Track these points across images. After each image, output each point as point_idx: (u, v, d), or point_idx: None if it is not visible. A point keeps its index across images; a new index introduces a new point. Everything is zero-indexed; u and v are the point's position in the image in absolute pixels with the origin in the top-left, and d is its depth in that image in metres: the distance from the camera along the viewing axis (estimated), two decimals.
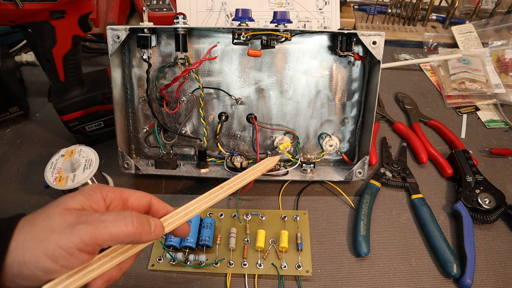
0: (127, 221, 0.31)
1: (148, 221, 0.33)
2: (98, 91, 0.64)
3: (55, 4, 0.50)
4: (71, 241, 0.28)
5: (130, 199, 0.36)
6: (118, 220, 0.31)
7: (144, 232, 0.32)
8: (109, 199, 0.34)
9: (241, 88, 0.60)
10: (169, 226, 0.37)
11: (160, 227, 0.35)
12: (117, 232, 0.30)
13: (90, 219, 0.30)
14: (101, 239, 0.30)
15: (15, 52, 0.90)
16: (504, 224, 0.59)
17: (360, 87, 0.60)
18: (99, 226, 0.30)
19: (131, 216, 0.32)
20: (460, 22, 0.99)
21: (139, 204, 0.36)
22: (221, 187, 0.44)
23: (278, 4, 0.77)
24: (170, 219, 0.37)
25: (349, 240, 0.56)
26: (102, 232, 0.30)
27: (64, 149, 0.58)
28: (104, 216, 0.31)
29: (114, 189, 0.35)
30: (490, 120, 0.77)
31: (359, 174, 0.60)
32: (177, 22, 0.53)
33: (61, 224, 0.29)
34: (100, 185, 0.34)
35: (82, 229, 0.29)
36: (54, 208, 0.30)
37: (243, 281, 0.51)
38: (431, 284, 0.52)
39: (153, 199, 0.37)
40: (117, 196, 0.35)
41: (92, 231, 0.29)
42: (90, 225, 0.29)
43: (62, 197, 0.32)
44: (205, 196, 0.42)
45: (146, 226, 0.33)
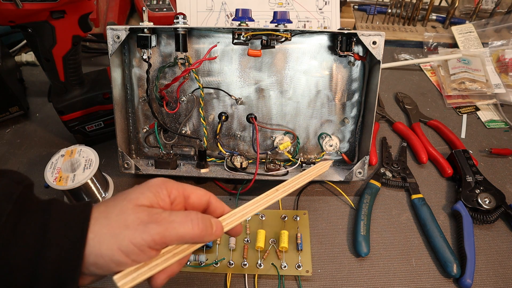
0: (193, 223, 0.33)
1: (211, 222, 0.35)
2: (98, 91, 0.64)
3: (55, 4, 0.50)
4: (143, 239, 0.30)
5: (191, 197, 0.37)
6: (185, 221, 0.33)
7: (207, 233, 0.34)
8: (173, 196, 0.35)
9: (241, 88, 0.60)
10: (226, 226, 0.38)
11: (221, 228, 0.37)
12: (184, 233, 0.32)
13: (160, 218, 0.32)
14: (169, 239, 0.32)
15: (15, 52, 0.90)
16: (504, 224, 0.59)
17: (360, 87, 0.60)
18: (169, 227, 0.32)
19: (197, 218, 0.33)
20: (460, 22, 0.99)
21: (199, 202, 0.37)
22: (277, 189, 0.45)
23: (278, 4, 0.77)
24: (228, 219, 0.39)
25: (349, 240, 0.56)
26: (171, 233, 0.32)
27: (64, 149, 0.58)
28: (172, 216, 0.32)
29: (178, 186, 0.36)
30: (490, 120, 0.77)
31: (359, 174, 0.60)
32: (177, 22, 0.53)
33: (134, 221, 0.31)
34: (165, 181, 0.36)
35: (153, 228, 0.31)
36: (127, 203, 0.32)
37: (243, 281, 0.51)
38: (431, 284, 0.52)
39: (212, 198, 0.38)
40: (180, 193, 0.36)
41: (162, 232, 0.31)
42: (161, 225, 0.31)
43: (132, 192, 0.34)
44: (262, 197, 0.43)
45: (209, 228, 0.35)
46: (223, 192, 0.63)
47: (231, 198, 0.62)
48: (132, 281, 0.31)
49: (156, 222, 0.31)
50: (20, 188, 0.31)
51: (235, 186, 0.63)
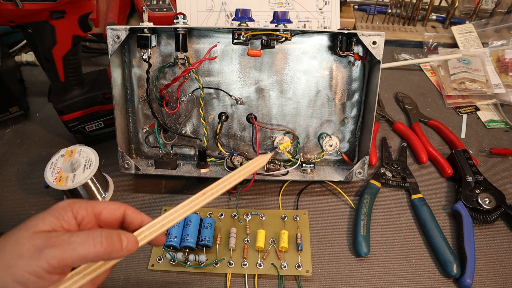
0: (95, 241, 0.31)
1: (120, 238, 0.33)
2: (98, 91, 0.64)
3: (55, 4, 0.50)
4: (39, 265, 0.29)
5: (103, 213, 0.35)
6: (86, 241, 0.31)
7: (114, 250, 0.32)
8: (80, 216, 0.34)
9: (241, 88, 0.60)
10: (144, 239, 0.36)
11: (133, 242, 0.34)
12: (85, 253, 0.30)
13: (58, 241, 0.30)
14: (70, 261, 0.30)
15: (15, 52, 0.90)
16: (504, 224, 0.59)
17: (360, 87, 0.60)
18: (67, 249, 0.30)
19: (100, 236, 0.31)
20: (460, 22, 0.99)
21: (113, 217, 0.36)
22: (203, 193, 0.41)
23: (278, 4, 0.77)
24: (146, 231, 0.37)
25: (349, 240, 0.56)
26: (71, 255, 0.30)
27: (64, 149, 0.58)
28: (73, 237, 0.31)
29: (86, 205, 0.34)
30: (490, 120, 0.77)
31: (359, 174, 0.60)
32: (177, 22, 0.53)
33: (29, 249, 0.29)
34: (71, 202, 0.34)
35: (49, 253, 0.29)
36: (23, 232, 0.30)
37: (243, 281, 0.51)
38: (431, 284, 0.52)
39: (127, 210, 0.37)
40: (89, 212, 0.34)
41: (59, 255, 0.29)
42: (57, 249, 0.29)
43: (33, 219, 0.32)
44: (185, 204, 0.40)
45: (117, 244, 0.33)
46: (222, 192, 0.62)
47: (231, 198, 0.62)
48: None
49: (52, 246, 0.29)
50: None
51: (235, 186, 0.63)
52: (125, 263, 0.53)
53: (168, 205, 0.61)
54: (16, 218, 0.59)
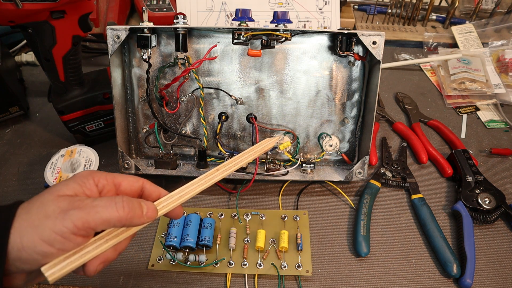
0: (118, 206, 0.32)
1: (140, 204, 0.34)
2: (98, 91, 0.64)
3: (55, 4, 0.50)
4: (65, 225, 0.30)
5: (122, 184, 0.36)
6: (109, 205, 0.32)
7: (135, 216, 0.33)
8: (101, 184, 0.35)
9: (241, 88, 0.60)
10: (163, 209, 0.37)
11: (153, 210, 0.36)
12: (108, 216, 0.31)
13: (82, 204, 0.31)
14: (93, 224, 0.31)
15: (15, 52, 0.90)
16: (504, 224, 0.59)
17: (360, 87, 0.60)
18: (91, 212, 0.31)
19: (122, 201, 0.33)
20: (460, 22, 0.99)
21: (131, 188, 0.37)
22: (217, 169, 0.43)
23: (278, 4, 0.77)
24: (164, 202, 0.38)
25: (349, 240, 0.56)
26: (94, 217, 0.31)
27: (64, 149, 0.58)
28: (96, 201, 0.32)
29: (106, 175, 0.35)
30: (490, 120, 0.77)
31: (359, 174, 0.60)
32: (177, 22, 0.53)
33: (54, 210, 0.30)
34: (93, 171, 0.35)
35: (74, 214, 0.30)
36: (48, 195, 0.31)
37: (243, 281, 0.51)
38: (431, 284, 0.52)
39: (145, 183, 0.38)
40: (109, 181, 0.35)
41: (84, 216, 0.30)
42: (82, 211, 0.30)
43: (56, 184, 0.33)
44: (201, 179, 0.41)
45: (138, 210, 0.34)
46: (223, 192, 0.63)
47: (231, 198, 0.62)
48: (60, 270, 0.30)
49: (77, 208, 0.31)
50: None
51: (235, 186, 0.63)
52: (125, 263, 0.53)
53: None
54: None
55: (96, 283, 0.51)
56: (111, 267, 0.52)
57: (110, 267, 0.52)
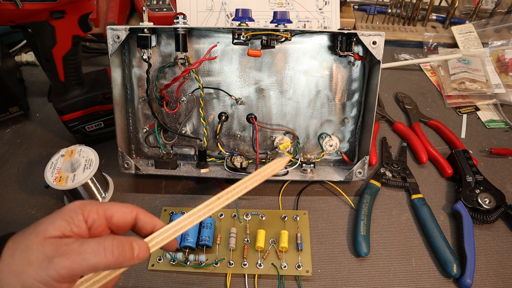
0: (107, 251, 0.30)
1: (131, 246, 0.32)
2: (98, 91, 0.64)
3: (55, 4, 0.50)
4: (48, 274, 0.28)
5: (114, 217, 0.34)
6: (97, 250, 0.30)
7: (126, 259, 0.31)
8: (91, 219, 0.33)
9: (241, 88, 0.60)
10: (156, 245, 0.35)
11: (145, 250, 0.33)
12: (96, 263, 0.30)
13: (68, 250, 0.29)
14: (79, 271, 0.29)
15: (15, 52, 0.90)
16: (504, 224, 0.59)
17: (360, 87, 0.60)
18: (77, 259, 0.29)
19: (111, 245, 0.31)
20: (460, 22, 0.99)
21: (124, 221, 0.35)
22: (218, 197, 0.40)
23: (278, 4, 0.77)
24: (158, 237, 0.36)
25: (349, 240, 0.56)
26: (81, 264, 0.29)
27: (64, 149, 0.58)
28: (83, 246, 0.30)
29: (98, 208, 0.33)
30: (490, 120, 0.77)
31: (359, 174, 0.60)
32: (177, 22, 0.53)
33: (38, 257, 0.29)
34: (82, 204, 0.33)
35: (59, 262, 0.29)
36: (33, 238, 0.30)
37: (243, 281, 0.51)
38: (431, 284, 0.52)
39: (139, 214, 0.36)
40: (100, 215, 0.33)
41: (69, 264, 0.29)
42: (68, 258, 0.29)
43: (42, 223, 0.31)
44: (200, 209, 0.38)
45: (128, 253, 0.32)
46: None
47: None
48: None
49: (63, 255, 0.29)
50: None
51: None
52: None
53: (168, 205, 0.61)
54: (16, 218, 0.59)
55: None
56: None
57: None
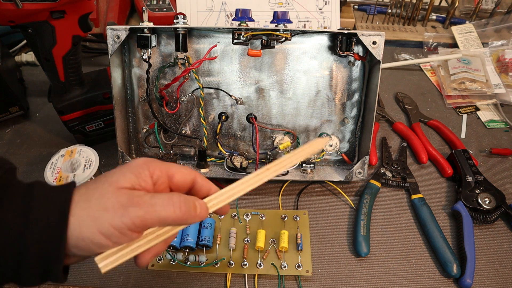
0: (175, 206, 0.33)
1: (195, 204, 0.35)
2: (98, 91, 0.64)
3: (55, 4, 0.50)
4: (123, 222, 0.30)
5: (175, 176, 0.36)
6: (167, 204, 0.32)
7: (190, 216, 0.34)
8: (156, 176, 0.35)
9: (241, 88, 0.60)
10: (213, 207, 0.38)
11: (205, 209, 0.36)
12: (166, 216, 0.32)
13: (140, 201, 0.31)
14: (150, 222, 0.32)
15: (15, 52, 0.90)
16: (504, 224, 0.59)
17: (360, 87, 0.60)
18: (149, 210, 0.31)
19: (179, 201, 0.33)
20: (460, 22, 0.99)
21: (184, 181, 0.37)
22: (267, 168, 0.42)
23: (278, 4, 0.77)
24: (215, 200, 0.38)
25: (349, 240, 0.56)
26: (152, 216, 0.31)
27: (64, 149, 0.58)
28: (154, 199, 0.32)
29: (161, 166, 0.35)
30: (490, 120, 0.77)
31: (359, 174, 0.60)
32: (177, 22, 0.53)
33: (114, 204, 0.31)
34: (147, 161, 0.35)
35: (134, 212, 0.31)
36: (107, 187, 0.32)
37: (243, 281, 0.51)
38: (431, 284, 0.52)
39: (197, 177, 0.38)
40: (163, 173, 0.35)
41: (143, 215, 0.31)
42: (141, 209, 0.31)
43: (113, 174, 0.33)
44: (251, 178, 0.41)
45: (193, 210, 0.34)
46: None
47: None
48: (113, 263, 0.32)
49: (136, 205, 0.31)
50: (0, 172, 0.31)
51: None
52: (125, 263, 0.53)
53: None
54: None
55: (96, 283, 0.51)
56: None
57: None
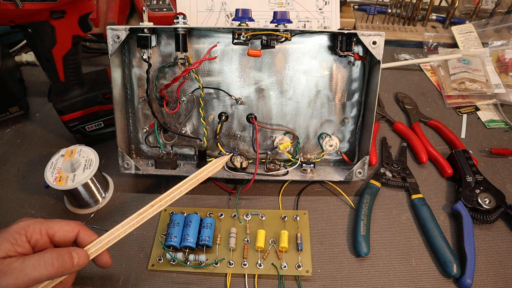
0: (47, 264, 0.34)
1: (70, 256, 0.36)
2: (98, 91, 0.64)
3: (55, 4, 0.50)
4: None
5: (56, 235, 0.38)
6: (37, 265, 0.33)
7: (66, 268, 0.35)
8: (34, 239, 0.36)
9: (241, 88, 0.60)
10: (95, 253, 0.40)
11: (84, 257, 0.38)
12: (38, 276, 0.33)
13: (10, 269, 0.32)
14: (23, 286, 0.32)
15: (15, 52, 0.90)
16: (504, 224, 0.59)
17: (360, 87, 0.60)
18: (19, 276, 0.32)
19: (51, 258, 0.34)
20: (460, 22, 0.99)
21: (65, 239, 0.38)
22: (152, 205, 0.44)
23: (278, 4, 0.77)
24: (97, 245, 0.40)
25: (349, 240, 0.56)
26: (24, 280, 0.32)
27: (64, 149, 0.58)
28: (24, 263, 0.33)
29: (41, 226, 0.37)
30: (490, 120, 0.77)
31: (359, 174, 0.60)
32: (177, 22, 0.53)
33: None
34: (26, 226, 0.36)
35: (3, 282, 0.31)
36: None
37: (243, 281, 0.51)
38: (431, 284, 0.52)
39: (80, 232, 0.39)
40: (43, 234, 0.37)
41: (13, 282, 0.32)
42: (10, 276, 0.32)
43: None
44: (132, 218, 0.43)
45: (68, 262, 0.36)
46: (223, 192, 0.63)
47: (231, 198, 0.62)
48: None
49: (6, 274, 0.32)
50: None
51: (235, 186, 0.63)
52: (125, 263, 0.53)
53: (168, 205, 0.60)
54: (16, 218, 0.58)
55: (96, 283, 0.51)
56: (111, 267, 0.52)
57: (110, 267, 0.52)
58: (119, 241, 0.42)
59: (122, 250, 0.54)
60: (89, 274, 0.52)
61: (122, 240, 0.42)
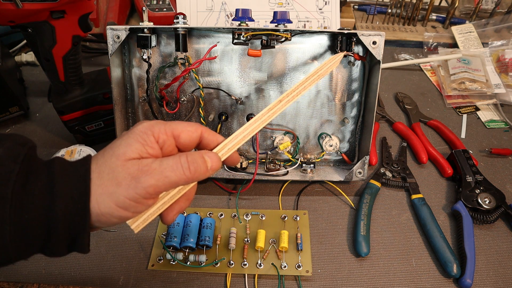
0: (184, 168, 0.34)
1: (204, 160, 0.35)
2: (98, 91, 0.64)
3: (55, 4, 0.50)
4: (137, 193, 0.32)
5: (181, 136, 0.36)
6: (176, 168, 0.33)
7: (201, 173, 0.35)
8: (161, 140, 0.35)
9: (241, 88, 0.60)
10: (225, 154, 0.38)
11: (217, 161, 0.37)
12: (176, 179, 0.33)
13: (151, 169, 0.32)
14: (163, 187, 0.33)
15: (15, 52, 0.90)
16: (504, 224, 0.59)
17: (360, 87, 0.60)
18: (160, 177, 0.32)
19: (187, 162, 0.34)
20: (460, 22, 0.99)
21: (190, 139, 0.37)
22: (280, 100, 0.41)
23: (278, 4, 0.77)
24: (223, 149, 0.38)
25: (349, 240, 0.56)
26: (164, 182, 0.33)
27: (64, 149, 0.58)
28: (163, 165, 0.33)
29: (165, 128, 0.35)
30: (490, 120, 0.77)
31: (359, 174, 0.60)
32: (177, 22, 0.53)
33: (125, 178, 0.32)
34: (151, 126, 0.35)
35: (145, 181, 0.32)
36: (115, 160, 0.32)
37: (243, 281, 0.51)
38: (431, 284, 0.52)
39: (204, 132, 0.38)
40: (169, 135, 0.35)
41: (155, 183, 0.32)
42: (152, 177, 0.32)
43: (119, 145, 0.33)
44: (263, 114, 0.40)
45: (203, 167, 0.35)
46: (223, 192, 0.63)
47: (231, 198, 0.62)
48: (143, 223, 0.34)
49: (147, 174, 0.32)
50: (25, 150, 0.32)
51: (235, 186, 0.63)
52: (125, 263, 0.53)
53: None
54: None
55: (96, 283, 0.51)
56: (111, 267, 0.52)
57: (110, 267, 0.52)
58: (119, 241, 0.42)
59: (122, 250, 0.54)
60: (89, 274, 0.52)
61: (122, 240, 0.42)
